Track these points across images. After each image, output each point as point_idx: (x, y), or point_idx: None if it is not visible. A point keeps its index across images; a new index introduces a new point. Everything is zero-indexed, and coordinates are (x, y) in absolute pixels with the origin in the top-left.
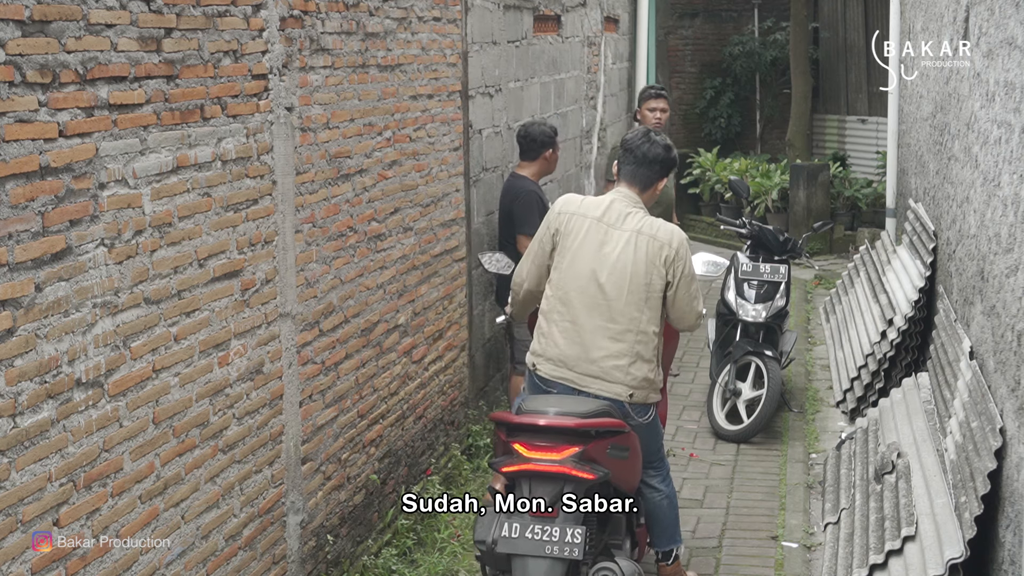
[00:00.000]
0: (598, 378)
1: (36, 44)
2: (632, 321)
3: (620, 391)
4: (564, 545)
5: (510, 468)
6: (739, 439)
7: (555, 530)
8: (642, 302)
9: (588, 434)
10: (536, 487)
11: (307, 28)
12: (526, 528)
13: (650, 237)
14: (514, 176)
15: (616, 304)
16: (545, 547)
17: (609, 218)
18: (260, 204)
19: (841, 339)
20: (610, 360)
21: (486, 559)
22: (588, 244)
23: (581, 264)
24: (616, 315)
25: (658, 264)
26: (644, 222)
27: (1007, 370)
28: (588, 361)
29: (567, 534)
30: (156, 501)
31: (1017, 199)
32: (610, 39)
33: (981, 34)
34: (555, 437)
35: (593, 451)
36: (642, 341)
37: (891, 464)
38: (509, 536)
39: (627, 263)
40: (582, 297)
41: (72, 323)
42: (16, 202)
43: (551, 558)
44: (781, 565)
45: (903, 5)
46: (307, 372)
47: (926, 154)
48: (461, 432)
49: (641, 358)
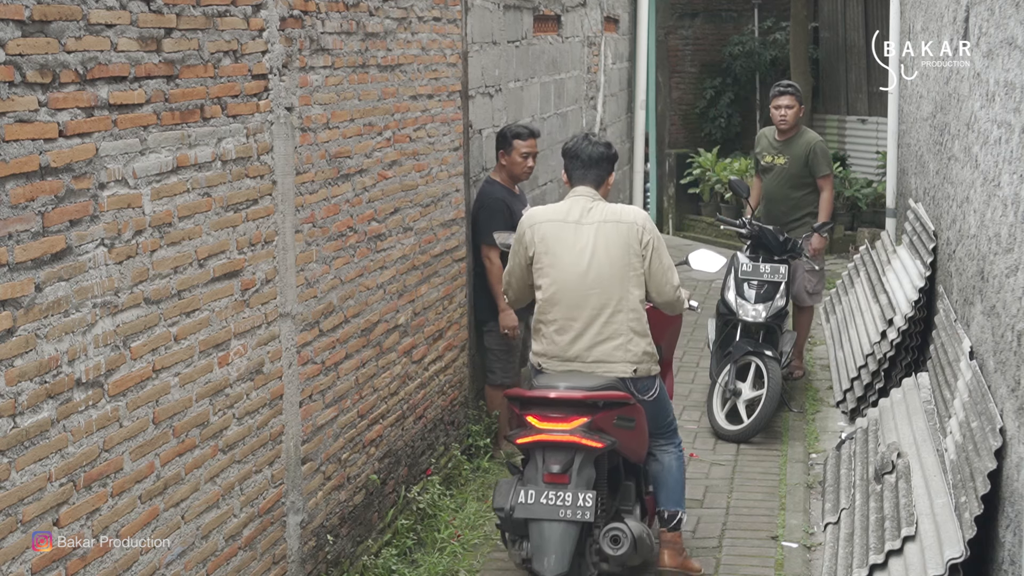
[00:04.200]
0: (601, 362)
1: (36, 44)
2: (620, 302)
3: (624, 368)
4: (576, 509)
5: (524, 439)
6: (739, 439)
7: (567, 495)
8: (626, 281)
9: (595, 405)
10: (549, 456)
11: (307, 28)
12: (540, 494)
13: (616, 222)
14: (487, 181)
15: (602, 291)
16: (559, 511)
17: (573, 215)
18: (260, 204)
19: (841, 339)
20: (609, 343)
21: (505, 525)
22: (563, 245)
23: (561, 264)
24: (604, 301)
25: (632, 243)
26: (607, 211)
27: (1007, 370)
28: (589, 349)
29: (579, 498)
30: (156, 501)
31: (1017, 199)
32: (610, 39)
33: (981, 34)
34: (564, 409)
35: (600, 421)
36: (634, 318)
37: (891, 464)
38: (525, 502)
39: (602, 251)
40: (570, 294)
41: (72, 323)
42: (16, 202)
43: (564, 521)
44: (781, 565)
45: (903, 5)
46: (307, 372)
47: (926, 154)
48: (461, 432)
49: (636, 333)
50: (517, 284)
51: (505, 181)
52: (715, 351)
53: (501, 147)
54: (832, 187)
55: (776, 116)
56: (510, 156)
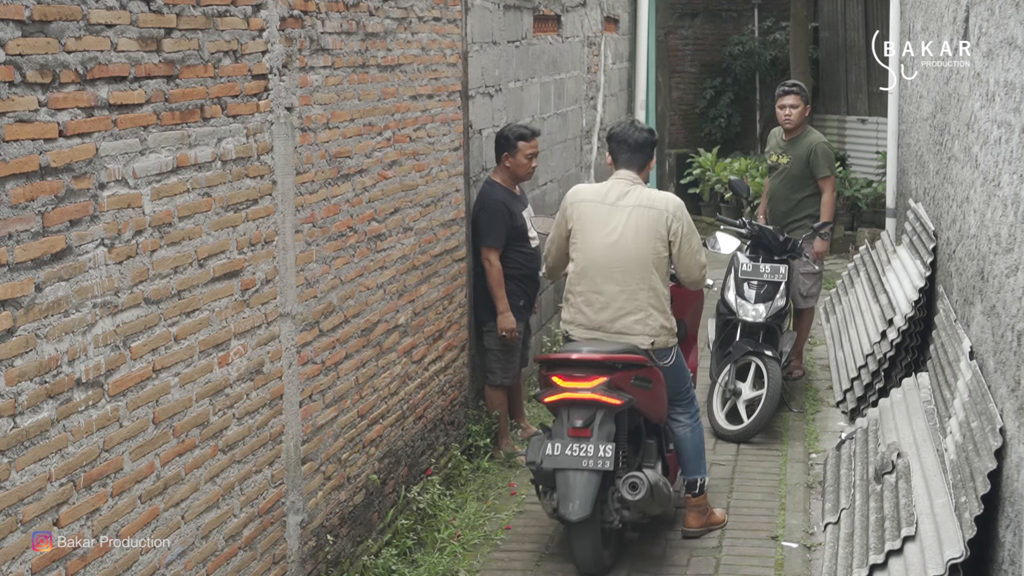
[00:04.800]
0: (622, 333)
1: (36, 44)
2: (643, 281)
3: (643, 340)
4: (598, 459)
5: (551, 398)
6: (739, 439)
7: (589, 447)
8: (650, 264)
9: (614, 366)
10: (572, 412)
11: (307, 28)
12: (565, 447)
13: (648, 207)
14: (488, 182)
15: (628, 270)
16: (581, 461)
17: (611, 198)
18: (260, 204)
19: (841, 339)
20: (630, 317)
21: (536, 477)
22: (597, 224)
23: (592, 242)
24: (629, 279)
25: (659, 229)
26: (642, 195)
27: (1007, 370)
28: (612, 321)
29: (600, 450)
30: (156, 501)
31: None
32: (610, 39)
33: (981, 34)
34: (586, 369)
35: (619, 381)
36: (654, 296)
37: (891, 464)
38: (552, 454)
39: (631, 233)
40: (599, 269)
41: (72, 323)
42: (16, 202)
43: (587, 470)
44: (781, 565)
45: (903, 5)
46: (307, 372)
47: (926, 154)
48: (461, 432)
49: (655, 310)
50: (556, 253)
51: (505, 182)
52: (715, 351)
53: (505, 149)
54: (833, 189)
55: (781, 116)
56: (515, 158)
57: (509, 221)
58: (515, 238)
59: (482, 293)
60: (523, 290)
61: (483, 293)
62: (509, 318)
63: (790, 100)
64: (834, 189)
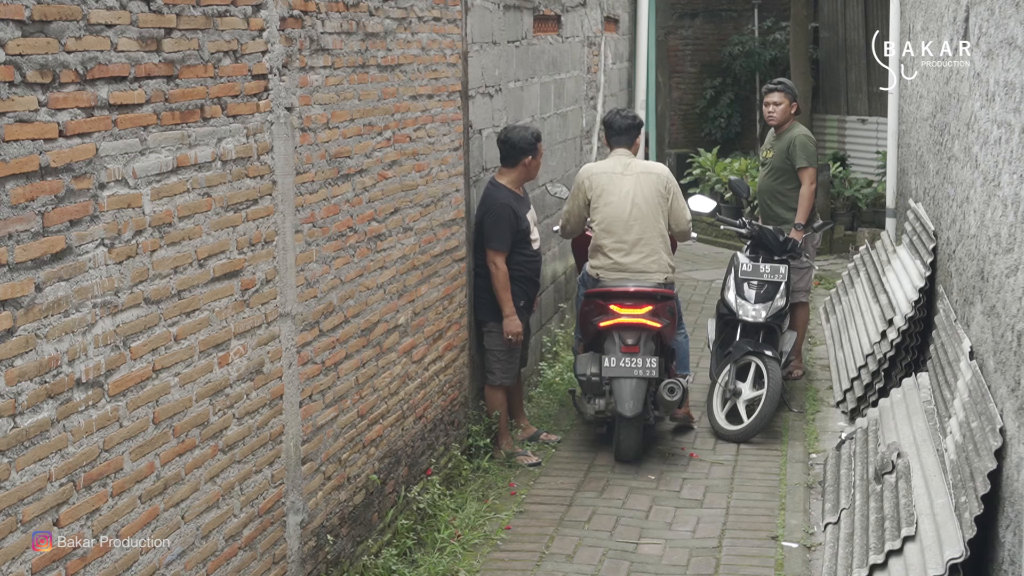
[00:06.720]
0: (644, 272)
1: (36, 44)
2: (654, 229)
3: (659, 277)
4: (646, 368)
5: (608, 322)
6: (739, 439)
7: (639, 360)
8: (658, 215)
9: (656, 297)
10: (624, 334)
11: (307, 28)
12: (619, 360)
13: (648, 173)
14: (492, 184)
15: (641, 222)
16: (634, 371)
17: (619, 169)
18: (260, 204)
19: (841, 339)
20: (648, 259)
21: (586, 387)
22: (614, 189)
23: (613, 203)
24: (645, 229)
25: (660, 189)
26: (640, 165)
27: (1007, 370)
28: (636, 263)
29: (647, 362)
30: (156, 501)
31: (1017, 199)
32: (610, 39)
33: (981, 34)
34: (638, 299)
35: (659, 309)
36: (662, 242)
37: (891, 464)
38: (609, 366)
39: (641, 194)
40: (619, 224)
41: (72, 323)
42: (16, 202)
43: (638, 378)
44: (781, 565)
45: (903, 5)
46: (307, 372)
47: (926, 154)
48: (461, 432)
49: (664, 252)
50: (575, 220)
51: (511, 184)
52: (715, 351)
53: (527, 154)
54: (812, 181)
55: (765, 112)
56: (536, 159)
57: (515, 224)
58: (518, 240)
59: (482, 293)
60: (523, 291)
61: (483, 293)
62: (515, 321)
63: (774, 97)
64: (813, 181)
